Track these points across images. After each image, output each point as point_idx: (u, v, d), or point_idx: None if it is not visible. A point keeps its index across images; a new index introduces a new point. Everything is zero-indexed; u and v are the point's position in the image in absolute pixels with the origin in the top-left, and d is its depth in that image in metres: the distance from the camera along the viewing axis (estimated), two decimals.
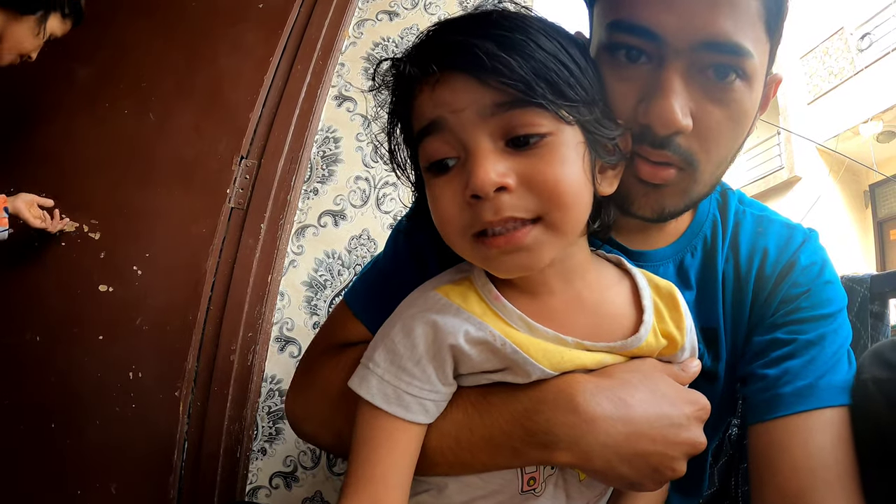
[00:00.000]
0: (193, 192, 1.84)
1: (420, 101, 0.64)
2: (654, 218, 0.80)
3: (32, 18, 1.66)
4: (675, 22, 0.69)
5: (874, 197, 9.68)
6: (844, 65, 9.21)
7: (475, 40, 0.58)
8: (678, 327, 0.73)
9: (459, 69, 0.60)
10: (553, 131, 0.60)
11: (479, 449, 0.67)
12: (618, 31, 0.73)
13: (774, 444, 0.76)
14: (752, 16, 0.70)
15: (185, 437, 1.67)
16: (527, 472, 0.68)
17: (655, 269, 0.87)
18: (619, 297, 0.73)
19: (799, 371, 0.77)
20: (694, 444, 0.69)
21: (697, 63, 0.71)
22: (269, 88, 1.93)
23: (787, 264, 0.87)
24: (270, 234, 1.79)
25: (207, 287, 1.75)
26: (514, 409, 0.66)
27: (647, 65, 0.73)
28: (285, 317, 1.80)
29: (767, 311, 0.85)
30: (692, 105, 0.72)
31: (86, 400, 1.72)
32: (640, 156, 0.75)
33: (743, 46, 0.70)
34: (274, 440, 1.73)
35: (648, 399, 0.68)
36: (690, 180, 0.77)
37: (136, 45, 2.02)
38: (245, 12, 2.02)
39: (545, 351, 0.65)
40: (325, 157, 1.94)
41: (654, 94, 0.71)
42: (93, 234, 1.86)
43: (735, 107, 0.74)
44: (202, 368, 1.71)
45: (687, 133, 0.72)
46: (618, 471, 0.66)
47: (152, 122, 1.95)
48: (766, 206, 0.97)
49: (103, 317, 1.78)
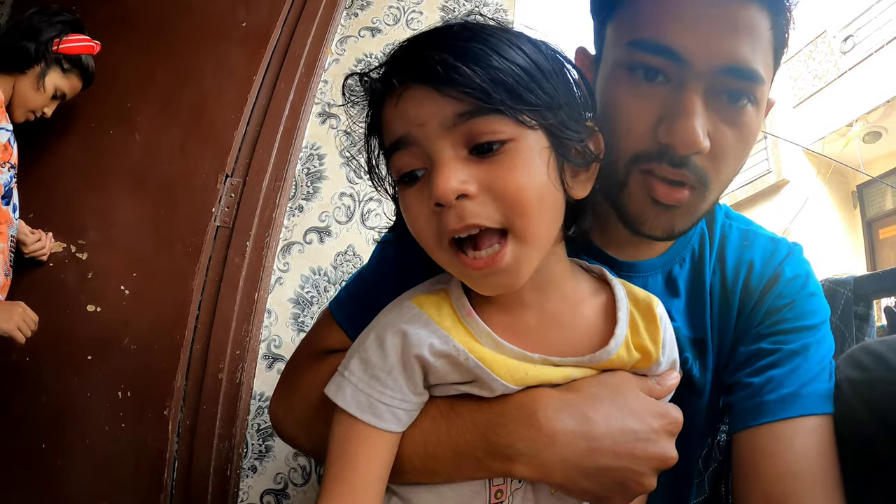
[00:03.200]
0: (179, 211, 1.86)
1: (387, 117, 0.65)
2: (664, 237, 0.82)
3: (33, 75, 1.77)
4: (698, 45, 0.71)
5: (862, 197, 9.71)
6: (828, 67, 9.27)
7: (433, 53, 0.60)
8: (653, 340, 0.73)
9: (419, 82, 0.61)
10: (515, 137, 0.61)
11: (445, 458, 0.68)
12: (639, 51, 0.74)
13: (759, 450, 0.76)
14: (765, 43, 0.73)
15: (175, 456, 1.67)
16: (494, 484, 0.69)
17: (645, 280, 0.89)
18: (593, 310, 0.74)
19: (783, 379, 0.78)
20: (663, 459, 0.69)
21: (715, 86, 0.73)
22: (253, 106, 1.95)
23: (772, 276, 0.88)
24: (256, 252, 1.79)
25: (194, 306, 1.76)
26: (479, 420, 0.67)
27: (665, 85, 0.74)
28: (273, 334, 1.81)
29: (753, 322, 0.87)
30: (709, 126, 0.74)
31: (76, 420, 1.73)
32: (657, 175, 0.76)
33: (759, 73, 0.72)
34: (264, 457, 1.73)
35: (613, 414, 0.68)
36: (701, 199, 0.79)
37: (121, 66, 2.05)
38: (229, 31, 2.05)
39: (508, 367, 0.66)
40: (310, 174, 1.95)
41: (676, 114, 0.73)
42: (80, 255, 1.88)
43: (745, 129, 0.76)
44: (191, 387, 1.71)
45: (704, 153, 0.74)
46: (580, 485, 0.66)
47: (138, 141, 1.97)
48: (751, 220, 0.99)
49: (92, 336, 1.79)
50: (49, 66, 1.79)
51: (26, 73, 1.77)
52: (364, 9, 2.18)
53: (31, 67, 1.77)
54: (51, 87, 1.81)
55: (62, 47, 1.81)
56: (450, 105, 0.60)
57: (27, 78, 1.77)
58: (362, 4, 2.19)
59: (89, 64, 1.89)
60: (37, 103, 1.80)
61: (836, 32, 9.20)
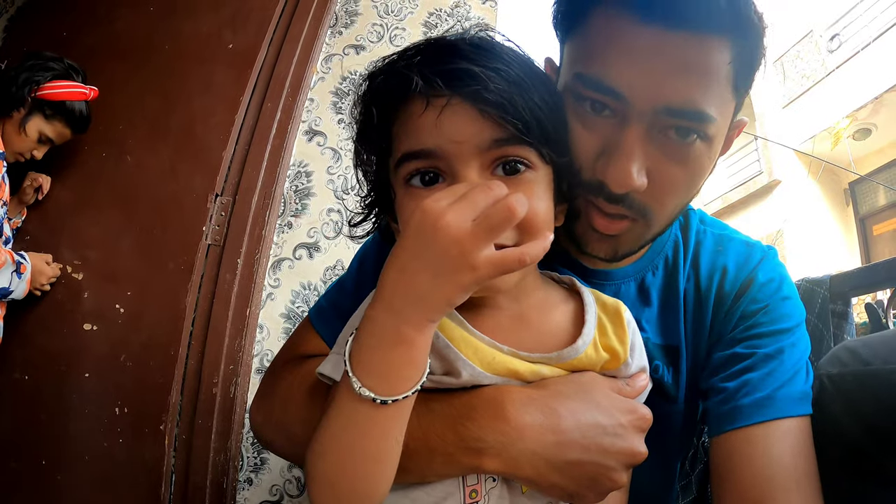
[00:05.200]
0: (171, 230, 1.89)
1: (415, 124, 0.65)
2: (608, 259, 0.82)
3: (16, 120, 1.82)
4: (641, 85, 0.70)
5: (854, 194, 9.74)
6: (816, 67, 9.31)
7: (483, 70, 0.61)
8: (621, 341, 0.74)
9: (465, 97, 0.62)
10: (535, 166, 0.65)
11: (416, 452, 0.66)
12: (584, 85, 0.74)
13: (735, 454, 0.76)
14: (720, 80, 0.71)
15: (173, 470, 1.70)
16: (468, 483, 0.68)
17: (617, 288, 0.90)
18: (562, 316, 0.75)
19: (758, 383, 0.78)
20: (632, 454, 0.69)
21: (659, 124, 0.72)
22: (241, 126, 1.99)
23: (745, 281, 0.88)
24: (247, 269, 1.83)
25: (188, 322, 1.79)
26: (449, 413, 0.67)
27: (611, 119, 0.74)
28: (265, 349, 1.84)
29: (727, 328, 0.87)
30: (649, 164, 0.73)
31: (75, 436, 1.76)
32: (596, 206, 0.77)
33: (707, 113, 0.71)
34: (259, 470, 1.76)
35: (581, 408, 0.68)
36: (644, 228, 0.80)
37: (111, 90, 2.08)
38: (215, 53, 2.09)
39: (476, 349, 0.67)
40: (298, 192, 1.99)
41: (613, 152, 0.72)
42: (76, 275, 1.91)
43: (693, 164, 0.75)
44: (186, 402, 1.74)
45: (641, 191, 0.74)
46: (549, 479, 0.66)
47: (129, 163, 2.01)
48: (726, 224, 0.99)
49: (89, 355, 1.82)
50: (31, 111, 1.84)
51: (12, 117, 1.83)
52: (348, 27, 2.23)
53: (12, 113, 1.82)
54: (33, 132, 1.85)
55: (44, 93, 1.84)
56: (489, 129, 0.62)
57: (11, 122, 1.83)
58: (346, 23, 2.24)
59: (77, 109, 1.92)
60: (21, 147, 1.85)
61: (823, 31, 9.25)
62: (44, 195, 1.98)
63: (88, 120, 1.96)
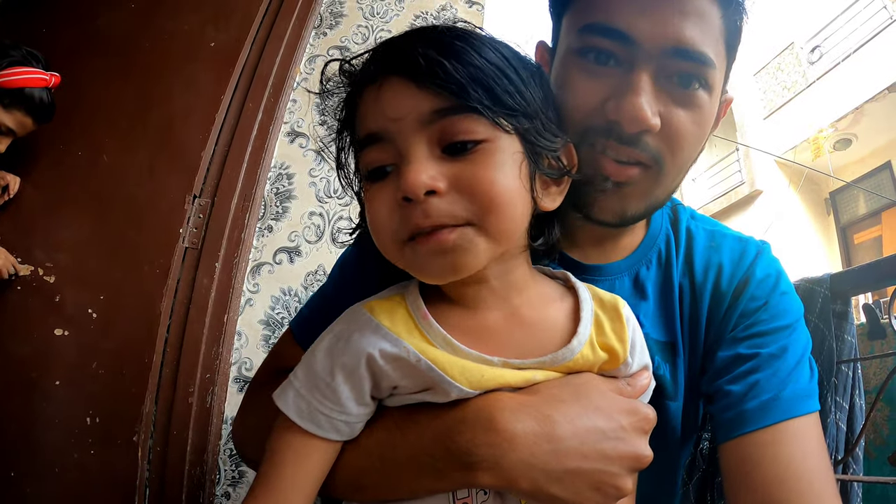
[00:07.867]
0: (146, 232, 1.84)
1: (363, 111, 0.65)
2: (615, 222, 0.82)
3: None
4: (648, 27, 0.73)
5: (835, 203, 9.89)
6: (797, 78, 9.47)
7: (416, 46, 0.60)
8: (620, 339, 0.71)
9: (399, 74, 0.61)
10: (489, 138, 0.61)
11: (403, 469, 0.65)
12: (591, 34, 0.76)
13: (745, 460, 0.75)
14: (715, 31, 0.75)
15: (146, 483, 1.65)
16: (458, 497, 0.65)
17: (612, 283, 0.88)
18: (558, 313, 0.71)
19: (763, 385, 0.77)
20: (636, 458, 0.66)
21: (665, 69, 0.75)
22: (222, 126, 1.94)
23: (742, 279, 0.87)
24: (225, 273, 1.78)
25: (163, 329, 1.74)
26: (437, 428, 0.64)
27: (616, 68, 0.76)
28: (244, 356, 1.79)
29: (727, 327, 0.85)
30: (660, 107, 0.75)
31: (45, 446, 1.70)
32: (606, 153, 0.77)
33: (708, 56, 0.74)
34: (237, 484, 1.71)
35: (578, 413, 0.64)
36: (654, 181, 0.79)
37: (89, 87, 2.03)
38: (197, 52, 2.04)
39: (462, 369, 0.64)
40: (279, 194, 1.95)
41: (624, 92, 0.74)
42: (47, 278, 1.84)
43: (699, 112, 0.78)
44: (160, 412, 1.69)
45: (654, 132, 0.75)
46: (548, 491, 0.62)
47: (105, 163, 1.95)
48: (717, 221, 0.99)
49: (60, 361, 1.76)
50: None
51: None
52: (333, 28, 2.20)
53: None
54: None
55: (1, 81, 1.73)
56: (427, 100, 0.60)
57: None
58: (331, 24, 2.21)
59: (38, 96, 1.80)
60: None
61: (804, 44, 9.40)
62: (11, 196, 1.89)
63: (51, 108, 1.85)
